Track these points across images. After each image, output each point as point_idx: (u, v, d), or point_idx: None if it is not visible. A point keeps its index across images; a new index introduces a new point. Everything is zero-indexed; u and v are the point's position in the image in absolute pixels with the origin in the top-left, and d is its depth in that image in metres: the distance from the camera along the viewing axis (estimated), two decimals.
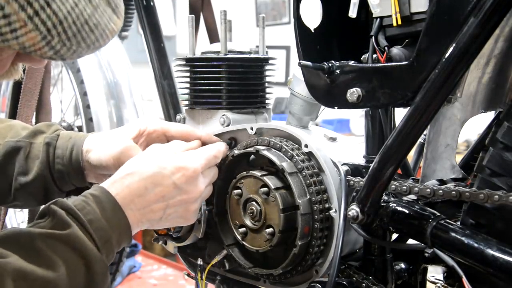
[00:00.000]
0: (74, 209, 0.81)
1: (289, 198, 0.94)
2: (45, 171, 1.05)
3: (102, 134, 1.09)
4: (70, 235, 0.78)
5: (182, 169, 0.92)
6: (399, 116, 0.87)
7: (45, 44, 0.66)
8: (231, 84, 1.10)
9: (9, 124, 1.14)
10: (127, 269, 2.56)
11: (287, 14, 4.90)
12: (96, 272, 0.79)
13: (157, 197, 0.90)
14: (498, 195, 0.77)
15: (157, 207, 0.90)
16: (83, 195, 0.85)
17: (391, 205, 0.89)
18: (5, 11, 0.62)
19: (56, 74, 2.19)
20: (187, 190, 0.92)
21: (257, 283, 1.08)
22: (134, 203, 0.87)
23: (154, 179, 0.90)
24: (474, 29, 0.74)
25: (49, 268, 0.75)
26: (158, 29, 1.46)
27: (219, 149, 1.01)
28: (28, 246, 0.76)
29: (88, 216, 0.81)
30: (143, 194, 0.89)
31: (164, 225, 0.96)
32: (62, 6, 0.65)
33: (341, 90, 0.91)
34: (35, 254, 0.75)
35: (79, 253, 0.78)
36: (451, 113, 0.89)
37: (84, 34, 0.69)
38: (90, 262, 0.79)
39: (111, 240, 0.83)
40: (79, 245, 0.78)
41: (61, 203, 0.82)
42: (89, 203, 0.83)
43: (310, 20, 0.97)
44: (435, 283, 0.94)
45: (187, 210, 0.94)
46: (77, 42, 0.68)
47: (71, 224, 0.79)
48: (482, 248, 0.77)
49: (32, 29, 0.64)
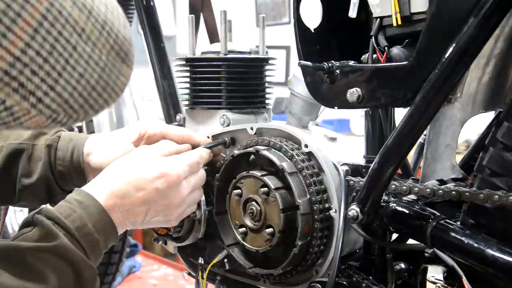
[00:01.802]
0: (60, 217, 0.81)
1: (289, 198, 0.94)
2: (47, 172, 1.06)
3: (102, 137, 1.09)
4: (58, 246, 0.78)
5: (164, 175, 0.93)
6: (399, 116, 0.87)
7: (51, 121, 0.61)
8: (231, 84, 1.10)
9: None
10: (127, 269, 2.56)
11: (287, 14, 4.89)
12: (85, 279, 0.80)
13: (139, 201, 0.91)
14: (498, 195, 0.77)
15: (139, 210, 0.91)
16: (67, 201, 0.85)
17: (391, 205, 0.89)
18: (6, 104, 0.56)
19: None
20: (169, 196, 0.93)
21: (257, 283, 1.08)
22: (117, 206, 0.88)
23: (137, 184, 0.91)
24: (474, 29, 0.74)
25: (40, 282, 0.75)
26: (158, 29, 1.46)
27: (201, 154, 1.01)
28: (18, 262, 0.76)
29: (75, 224, 0.81)
30: (125, 197, 0.89)
31: (147, 226, 0.98)
32: (67, 85, 0.59)
33: (341, 90, 0.91)
34: (26, 270, 0.75)
35: (69, 262, 0.79)
36: (451, 113, 0.89)
37: (92, 101, 0.63)
38: (79, 269, 0.79)
39: (98, 243, 0.84)
40: (68, 255, 0.79)
41: (46, 212, 0.81)
42: (75, 209, 0.83)
43: (310, 20, 0.97)
44: (435, 283, 0.94)
45: (169, 214, 0.96)
46: (85, 111, 0.63)
47: (59, 235, 0.79)
48: (482, 248, 0.77)
49: (37, 114, 0.59)
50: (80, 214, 0.83)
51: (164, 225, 1.01)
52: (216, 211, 1.06)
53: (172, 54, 1.43)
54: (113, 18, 0.62)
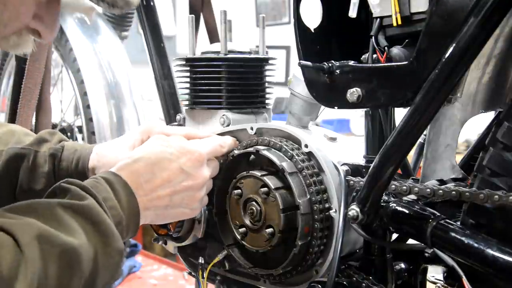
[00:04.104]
0: (87, 186, 0.80)
1: (289, 198, 0.94)
2: (51, 183, 1.05)
3: (106, 150, 1.08)
4: (88, 207, 0.76)
5: (188, 153, 0.93)
6: (399, 116, 0.87)
7: None
8: (231, 84, 1.10)
9: (10, 129, 1.14)
10: (127, 269, 2.56)
11: (287, 14, 4.89)
12: (113, 248, 0.77)
13: (163, 181, 0.90)
14: (498, 195, 0.77)
15: (163, 193, 0.90)
16: (94, 178, 0.84)
17: (391, 205, 0.89)
18: None
19: (56, 74, 2.19)
20: (193, 175, 0.93)
21: (257, 283, 1.08)
22: (143, 189, 0.87)
23: (161, 164, 0.91)
24: (474, 29, 0.74)
25: (71, 236, 0.72)
26: (158, 29, 1.46)
27: (225, 140, 1.02)
28: (48, 213, 0.73)
29: (102, 194, 0.80)
30: (150, 179, 0.89)
31: (169, 215, 0.94)
32: None
33: (341, 90, 0.91)
34: (56, 221, 0.72)
35: (96, 227, 0.76)
36: (451, 113, 0.89)
37: None
38: (107, 237, 0.76)
39: (122, 222, 0.81)
40: (96, 218, 0.76)
41: (72, 181, 0.80)
42: (101, 183, 0.82)
43: (310, 20, 0.97)
44: (435, 283, 0.94)
45: (193, 197, 0.94)
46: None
47: (87, 197, 0.77)
48: (482, 248, 0.77)
49: None
50: (107, 188, 0.82)
51: (186, 212, 0.96)
52: (216, 211, 1.06)
53: (172, 54, 1.43)
54: None
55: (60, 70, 2.19)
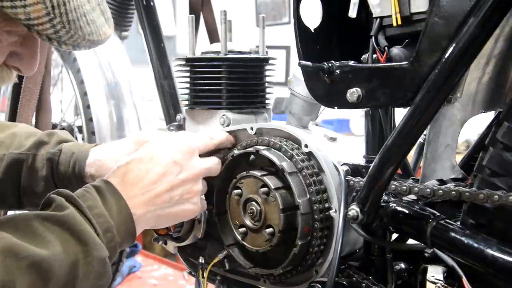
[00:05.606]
0: (73, 195, 0.81)
1: (289, 198, 0.94)
2: (51, 186, 1.08)
3: (104, 155, 1.09)
4: (66, 217, 0.77)
5: (177, 146, 0.94)
6: (399, 116, 0.87)
7: (48, 20, 0.70)
8: (231, 84, 1.10)
9: (13, 132, 1.15)
10: (127, 269, 2.56)
11: (287, 14, 4.90)
12: (94, 257, 0.77)
13: (160, 177, 0.90)
14: (498, 195, 0.77)
15: (162, 190, 0.90)
16: (85, 187, 0.86)
17: (391, 205, 0.89)
18: None
19: (56, 74, 2.19)
20: (186, 166, 0.94)
21: (257, 283, 1.08)
22: (138, 188, 0.88)
23: (153, 160, 0.92)
24: (474, 29, 0.74)
25: (43, 247, 0.74)
26: (158, 29, 1.46)
27: (215, 133, 1.03)
28: (23, 225, 0.75)
29: (87, 202, 0.81)
30: (145, 177, 0.89)
31: (171, 214, 0.93)
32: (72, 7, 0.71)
33: (341, 90, 0.91)
34: (30, 233, 0.74)
35: (76, 236, 0.77)
36: (451, 113, 0.89)
37: (82, 23, 0.74)
38: (87, 245, 0.77)
39: (111, 229, 0.81)
40: (75, 227, 0.77)
41: (60, 192, 0.82)
42: (90, 192, 0.84)
43: (310, 20, 0.97)
44: (435, 283, 0.94)
45: (191, 190, 0.94)
46: (75, 28, 0.73)
47: (68, 208, 0.79)
48: (482, 248, 0.77)
49: (40, 1, 0.68)
50: (95, 196, 0.83)
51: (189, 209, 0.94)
52: (216, 211, 1.06)
53: (172, 54, 1.43)
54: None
55: (60, 70, 2.20)
